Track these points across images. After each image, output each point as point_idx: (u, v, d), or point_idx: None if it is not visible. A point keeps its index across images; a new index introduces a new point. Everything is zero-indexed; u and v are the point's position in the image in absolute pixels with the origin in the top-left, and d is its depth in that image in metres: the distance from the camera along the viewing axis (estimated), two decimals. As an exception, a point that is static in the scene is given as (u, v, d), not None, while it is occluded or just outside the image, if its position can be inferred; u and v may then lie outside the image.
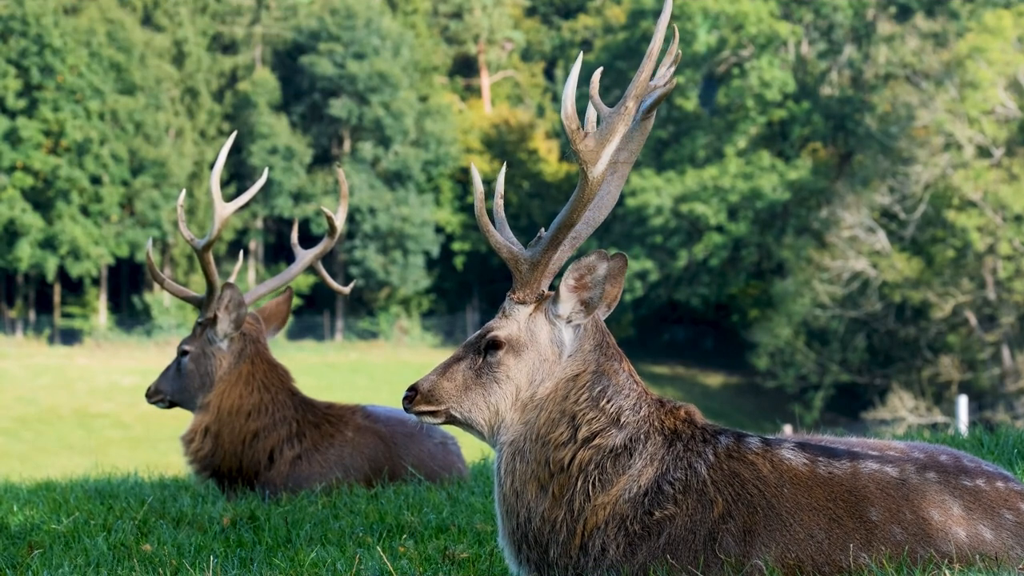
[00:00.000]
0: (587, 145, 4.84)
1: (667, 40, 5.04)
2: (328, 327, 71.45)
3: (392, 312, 71.81)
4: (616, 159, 5.20)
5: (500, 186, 5.17)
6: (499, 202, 5.21)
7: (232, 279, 8.66)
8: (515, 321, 5.04)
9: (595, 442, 4.90)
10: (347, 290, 9.47)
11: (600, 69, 5.09)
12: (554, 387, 4.97)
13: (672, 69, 5.20)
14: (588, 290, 4.95)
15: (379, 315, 71.75)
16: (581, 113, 4.99)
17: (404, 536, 6.61)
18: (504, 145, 75.69)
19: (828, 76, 70.62)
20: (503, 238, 5.05)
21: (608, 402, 4.94)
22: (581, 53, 4.99)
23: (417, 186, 72.53)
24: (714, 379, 68.14)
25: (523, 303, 5.06)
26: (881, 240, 56.45)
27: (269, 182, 69.11)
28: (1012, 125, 55.16)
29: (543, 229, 5.09)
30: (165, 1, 72.32)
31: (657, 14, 71.93)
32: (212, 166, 8.60)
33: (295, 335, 68.07)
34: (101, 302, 70.19)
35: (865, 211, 56.88)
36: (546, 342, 5.02)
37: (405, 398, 5.09)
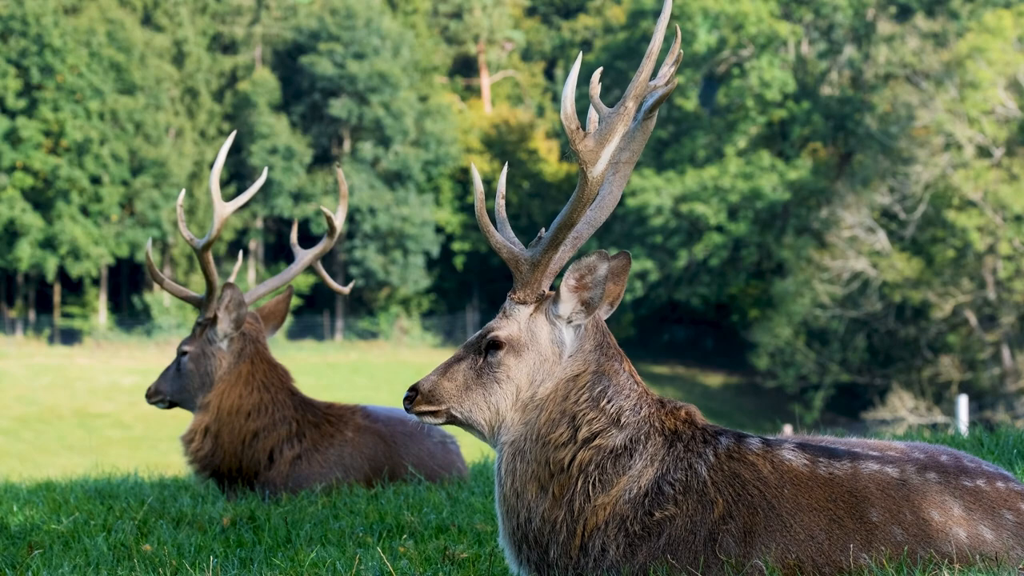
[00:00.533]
0: (587, 145, 4.83)
1: (669, 40, 5.04)
2: (328, 327, 71.46)
3: (392, 312, 71.83)
4: (618, 159, 5.20)
5: (502, 186, 5.17)
6: (500, 202, 5.21)
7: (232, 279, 8.67)
8: (515, 321, 5.04)
9: (595, 443, 4.90)
10: (347, 290, 9.48)
11: (600, 69, 5.09)
12: (554, 387, 4.97)
13: (673, 69, 5.20)
14: (589, 290, 4.94)
15: (379, 315, 71.77)
16: (581, 113, 4.98)
17: (404, 536, 6.61)
18: (504, 145, 75.70)
19: (828, 76, 70.61)
20: (503, 238, 5.05)
21: (608, 402, 4.94)
22: (581, 53, 4.99)
23: (417, 186, 72.54)
24: (714, 379, 68.15)
25: (523, 303, 5.06)
26: (881, 240, 56.45)
27: (269, 182, 69.14)
28: (1012, 125, 55.14)
29: (544, 229, 5.09)
30: (165, 1, 72.33)
31: (657, 14, 71.88)
32: (212, 166, 8.61)
33: (295, 335, 68.09)
34: (101, 302, 70.20)
35: (865, 211, 56.87)
36: (546, 342, 5.02)
37: (406, 398, 5.09)
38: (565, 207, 4.89)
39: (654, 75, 5.18)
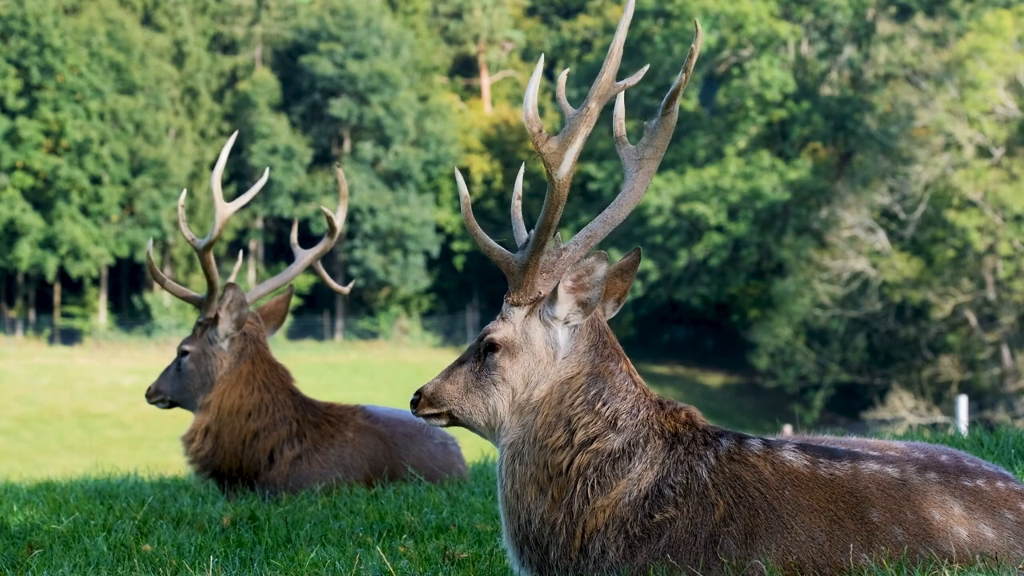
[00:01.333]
0: (550, 147, 4.81)
1: (681, 37, 5.01)
2: (328, 327, 71.45)
3: (392, 312, 71.83)
4: (641, 155, 5.13)
5: (518, 187, 5.16)
6: (516, 203, 5.21)
7: (232, 279, 8.67)
8: (510, 323, 5.05)
9: (593, 446, 4.89)
10: (347, 290, 9.48)
11: (567, 71, 5.06)
12: (549, 389, 4.97)
13: (691, 62, 5.11)
14: (586, 291, 4.93)
15: (379, 315, 71.77)
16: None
17: (404, 536, 6.61)
18: (504, 145, 75.70)
19: (828, 76, 70.61)
20: (492, 240, 5.05)
21: (604, 405, 4.93)
22: (542, 56, 4.96)
23: (417, 186, 72.54)
24: (714, 379, 68.15)
25: (517, 305, 5.06)
26: (881, 240, 56.44)
27: (269, 182, 69.12)
28: (1012, 125, 55.14)
29: (531, 231, 5.08)
30: (165, 1, 72.32)
31: (657, 14, 72.04)
32: (212, 166, 8.65)
33: (295, 335, 68.07)
34: (101, 302, 70.19)
35: (865, 211, 56.87)
36: (540, 344, 5.01)
37: (412, 402, 5.16)
38: (542, 210, 4.86)
39: (620, 76, 5.11)
